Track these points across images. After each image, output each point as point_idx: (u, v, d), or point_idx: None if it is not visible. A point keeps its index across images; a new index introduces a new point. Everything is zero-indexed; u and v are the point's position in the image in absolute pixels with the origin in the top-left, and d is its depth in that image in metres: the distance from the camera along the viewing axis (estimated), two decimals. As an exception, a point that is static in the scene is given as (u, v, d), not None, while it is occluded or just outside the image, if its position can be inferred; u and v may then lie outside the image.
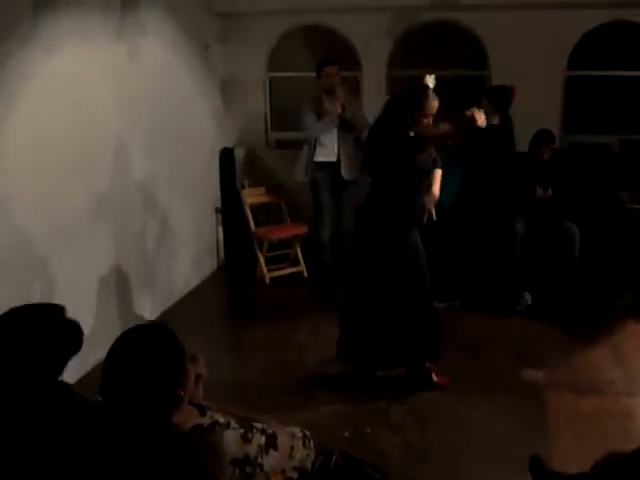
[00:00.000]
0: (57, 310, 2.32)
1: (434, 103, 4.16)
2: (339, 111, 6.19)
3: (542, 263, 6.04)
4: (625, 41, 6.78)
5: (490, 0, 6.41)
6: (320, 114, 6.27)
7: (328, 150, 6.34)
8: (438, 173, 4.66)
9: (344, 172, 6.32)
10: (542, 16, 6.61)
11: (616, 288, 5.97)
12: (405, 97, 4.22)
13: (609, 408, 4.24)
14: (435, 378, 4.52)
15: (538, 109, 6.60)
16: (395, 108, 4.25)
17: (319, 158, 6.37)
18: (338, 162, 6.34)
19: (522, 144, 6.20)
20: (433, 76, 4.21)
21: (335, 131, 6.30)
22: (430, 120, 4.19)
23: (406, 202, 4.27)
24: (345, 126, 6.28)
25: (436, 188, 4.66)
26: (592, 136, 7.09)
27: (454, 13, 6.82)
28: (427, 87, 4.19)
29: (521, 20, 6.66)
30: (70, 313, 2.38)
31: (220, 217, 7.25)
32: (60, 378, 2.28)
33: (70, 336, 2.29)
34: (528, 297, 5.90)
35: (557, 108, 6.87)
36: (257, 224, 6.85)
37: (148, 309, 5.62)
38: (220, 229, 7.27)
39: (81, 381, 3.94)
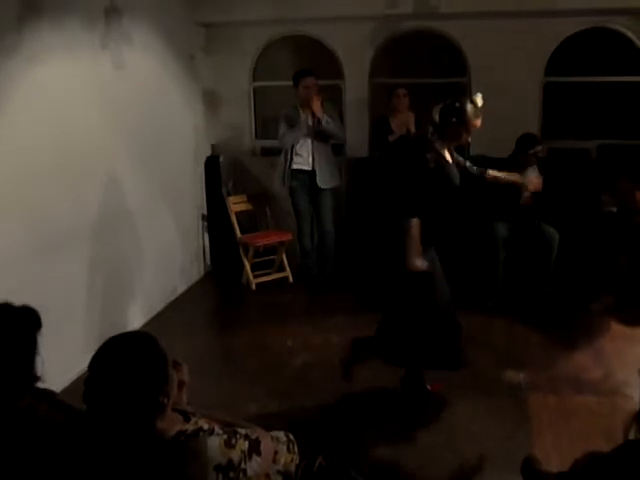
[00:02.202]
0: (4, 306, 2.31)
1: (478, 122, 4.08)
2: (309, 123, 6.20)
3: (519, 265, 6.06)
4: (601, 47, 6.82)
5: (469, 9, 6.41)
6: (294, 124, 6.27)
7: (303, 159, 6.34)
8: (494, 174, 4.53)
9: (319, 181, 6.32)
10: (520, 24, 6.63)
11: (594, 289, 5.98)
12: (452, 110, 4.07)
13: (590, 408, 4.23)
14: (429, 387, 4.44)
15: (517, 115, 6.64)
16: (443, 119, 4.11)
17: (295, 166, 6.37)
18: (313, 170, 6.33)
19: (502, 149, 6.22)
20: (481, 95, 4.11)
21: (310, 140, 6.29)
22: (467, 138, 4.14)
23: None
24: (320, 136, 6.27)
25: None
26: (570, 141, 7.12)
27: (434, 22, 6.83)
28: (476, 105, 4.08)
29: (499, 28, 6.68)
30: (55, 322, 2.36)
31: (206, 224, 7.23)
32: (35, 373, 2.27)
33: (25, 322, 2.29)
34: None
35: (536, 114, 6.89)
36: (243, 231, 6.84)
37: (135, 317, 5.58)
38: (206, 236, 7.25)
39: (66, 390, 3.90)
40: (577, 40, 6.74)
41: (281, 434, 2.35)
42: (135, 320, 5.57)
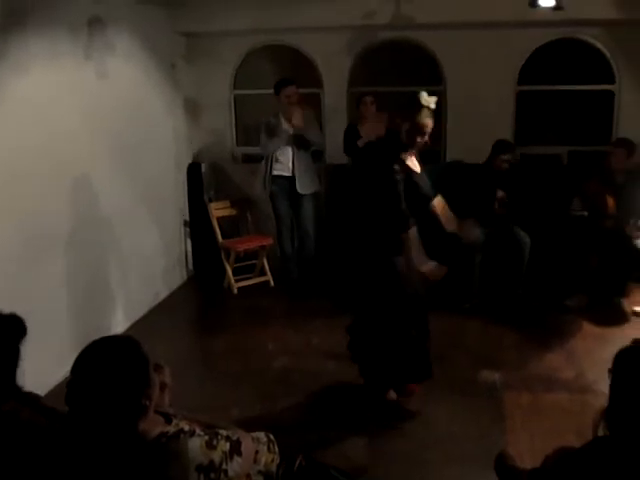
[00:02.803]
0: None
1: (429, 122, 4.02)
2: (290, 132, 6.22)
3: (494, 268, 6.12)
4: (571, 57, 6.89)
5: (444, 19, 6.45)
6: (275, 132, 6.28)
7: (283, 165, 6.35)
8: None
9: (298, 187, 6.33)
10: (493, 34, 6.68)
11: (566, 291, 6.03)
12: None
13: (563, 406, 4.28)
14: (392, 396, 4.36)
15: (491, 122, 6.70)
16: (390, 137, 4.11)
17: (275, 172, 6.38)
18: (293, 176, 6.34)
19: (478, 156, 6.27)
20: (426, 94, 4.04)
21: (290, 148, 6.30)
22: (425, 139, 4.06)
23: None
24: (299, 143, 6.29)
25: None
26: (542, 147, 7.18)
27: (411, 32, 6.86)
28: (427, 107, 4.02)
29: (474, 38, 6.73)
30: (38, 327, 2.35)
31: (188, 230, 7.21)
32: (17, 381, 2.26)
33: (10, 329, 2.28)
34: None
35: (509, 121, 6.94)
36: (224, 236, 6.83)
37: (118, 321, 5.56)
38: (189, 241, 7.23)
39: (50, 394, 3.86)
40: (548, 50, 6.81)
41: (262, 435, 2.35)
42: (118, 324, 5.54)
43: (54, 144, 4.61)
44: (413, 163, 4.12)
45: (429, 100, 4.01)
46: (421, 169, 4.17)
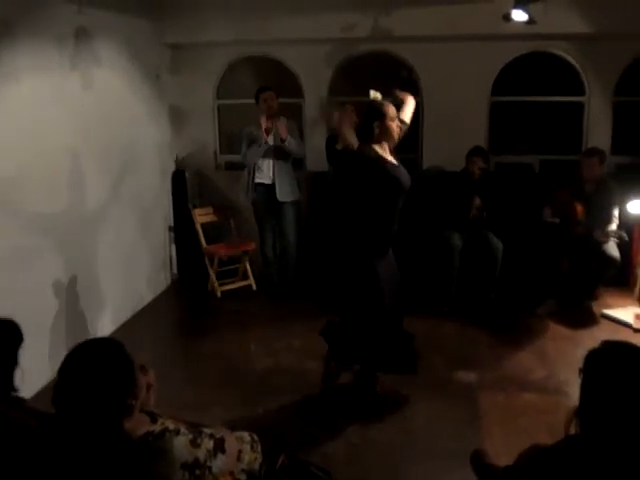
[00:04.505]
0: None
1: (393, 110, 4.07)
2: (270, 144, 6.22)
3: (469, 273, 6.15)
4: (543, 70, 6.94)
5: (421, 32, 6.48)
6: (256, 142, 6.28)
7: (264, 174, 6.34)
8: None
9: (278, 194, 6.31)
10: (469, 47, 6.72)
11: (538, 295, 6.06)
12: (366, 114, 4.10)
13: (536, 405, 4.30)
14: (379, 389, 4.42)
15: (466, 132, 6.73)
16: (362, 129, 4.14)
17: (257, 180, 6.38)
18: (274, 184, 6.33)
19: (454, 164, 6.30)
20: (372, 90, 4.27)
21: (272, 156, 6.30)
22: (397, 126, 4.08)
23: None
24: (281, 152, 6.29)
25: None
26: (515, 156, 7.23)
27: (389, 44, 6.89)
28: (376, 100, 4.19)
29: (450, 50, 6.77)
30: (24, 331, 2.34)
31: (173, 235, 7.19)
32: (14, 386, 2.25)
33: (7, 335, 2.27)
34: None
35: (483, 131, 6.98)
36: (208, 241, 6.81)
37: (104, 324, 5.52)
38: (173, 246, 7.21)
39: (37, 397, 3.81)
40: (521, 63, 6.87)
41: (245, 434, 2.34)
42: (104, 328, 5.49)
43: (41, 152, 4.57)
44: (389, 157, 4.11)
45: (376, 94, 4.24)
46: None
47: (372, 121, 4.03)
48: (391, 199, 4.03)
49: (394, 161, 4.07)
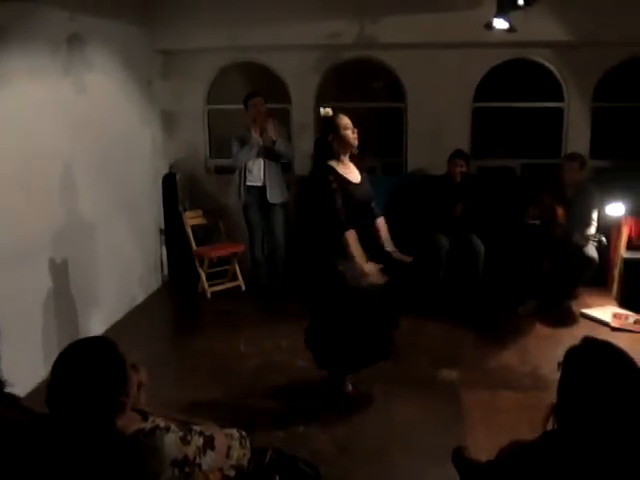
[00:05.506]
0: None
1: (345, 120, 4.12)
2: (260, 144, 6.22)
3: (454, 274, 6.17)
4: (524, 76, 6.99)
5: (405, 40, 6.50)
6: (246, 143, 6.27)
7: (254, 176, 6.34)
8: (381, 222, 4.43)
9: (269, 196, 6.32)
10: (452, 54, 6.76)
11: (520, 294, 6.09)
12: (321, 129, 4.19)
13: (518, 402, 4.31)
14: (350, 389, 4.43)
15: (449, 137, 6.76)
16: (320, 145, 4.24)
17: (248, 183, 6.37)
18: (264, 186, 6.33)
19: (436, 168, 6.31)
20: (329, 109, 4.35)
21: (261, 159, 6.30)
22: (352, 132, 4.11)
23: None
24: (270, 155, 6.29)
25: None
26: (497, 160, 7.27)
27: (374, 51, 6.91)
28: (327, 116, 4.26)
29: (433, 57, 6.80)
30: (16, 333, 2.32)
31: (164, 237, 7.17)
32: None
33: None
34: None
35: (466, 136, 7.02)
36: (198, 243, 6.80)
37: (96, 325, 5.49)
38: (164, 248, 7.19)
39: (29, 396, 3.79)
40: (502, 69, 6.90)
41: (234, 431, 2.34)
42: (97, 327, 5.47)
43: (34, 155, 4.56)
44: (350, 171, 4.16)
45: (326, 111, 4.26)
46: (362, 177, 4.21)
47: (327, 135, 4.12)
48: (348, 212, 4.04)
49: (351, 175, 4.13)
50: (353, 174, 4.17)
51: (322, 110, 4.40)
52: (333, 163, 4.10)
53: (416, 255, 4.51)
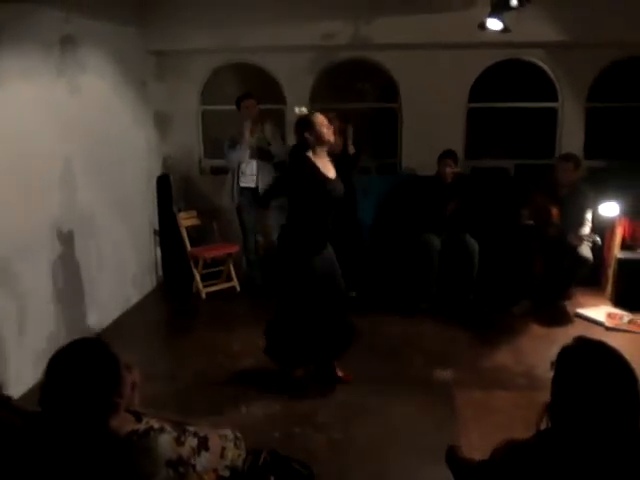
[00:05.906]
0: None
1: (320, 118, 4.25)
2: (253, 144, 6.22)
3: (447, 274, 6.17)
4: (517, 77, 7.00)
5: (399, 40, 6.50)
6: (238, 143, 6.28)
7: (248, 177, 6.36)
8: None
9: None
10: (446, 55, 6.76)
11: (514, 295, 6.10)
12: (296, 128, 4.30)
13: (512, 401, 4.31)
14: (340, 373, 4.63)
15: (443, 137, 6.75)
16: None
17: (241, 184, 6.39)
18: (257, 187, 6.33)
19: (431, 168, 6.32)
20: (304, 107, 4.58)
21: (254, 160, 6.31)
22: (327, 128, 4.26)
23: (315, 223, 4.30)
24: (262, 155, 6.28)
25: None
26: (491, 161, 7.28)
27: (368, 52, 6.92)
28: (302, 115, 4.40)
29: (427, 58, 6.81)
30: (9, 333, 2.31)
31: (158, 238, 7.16)
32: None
33: None
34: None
35: (460, 136, 7.03)
36: (192, 244, 6.79)
37: (91, 324, 5.48)
38: (158, 249, 7.18)
39: (24, 398, 3.77)
40: (496, 70, 6.91)
41: (228, 431, 2.33)
42: (90, 329, 5.45)
43: (27, 156, 4.54)
44: (326, 167, 4.30)
45: (301, 110, 4.54)
46: (336, 177, 4.36)
47: (302, 133, 4.24)
48: (322, 206, 4.25)
49: (327, 170, 4.29)
50: (328, 170, 4.31)
51: (297, 109, 4.45)
52: (310, 155, 4.24)
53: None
